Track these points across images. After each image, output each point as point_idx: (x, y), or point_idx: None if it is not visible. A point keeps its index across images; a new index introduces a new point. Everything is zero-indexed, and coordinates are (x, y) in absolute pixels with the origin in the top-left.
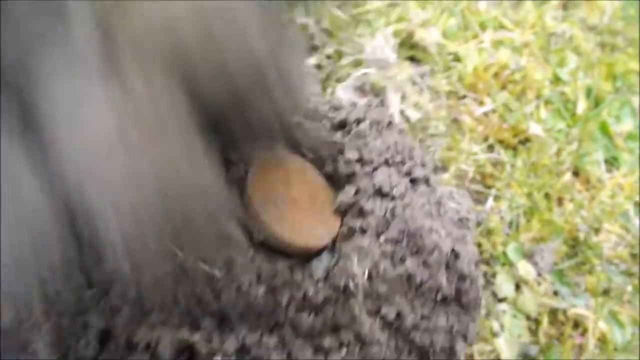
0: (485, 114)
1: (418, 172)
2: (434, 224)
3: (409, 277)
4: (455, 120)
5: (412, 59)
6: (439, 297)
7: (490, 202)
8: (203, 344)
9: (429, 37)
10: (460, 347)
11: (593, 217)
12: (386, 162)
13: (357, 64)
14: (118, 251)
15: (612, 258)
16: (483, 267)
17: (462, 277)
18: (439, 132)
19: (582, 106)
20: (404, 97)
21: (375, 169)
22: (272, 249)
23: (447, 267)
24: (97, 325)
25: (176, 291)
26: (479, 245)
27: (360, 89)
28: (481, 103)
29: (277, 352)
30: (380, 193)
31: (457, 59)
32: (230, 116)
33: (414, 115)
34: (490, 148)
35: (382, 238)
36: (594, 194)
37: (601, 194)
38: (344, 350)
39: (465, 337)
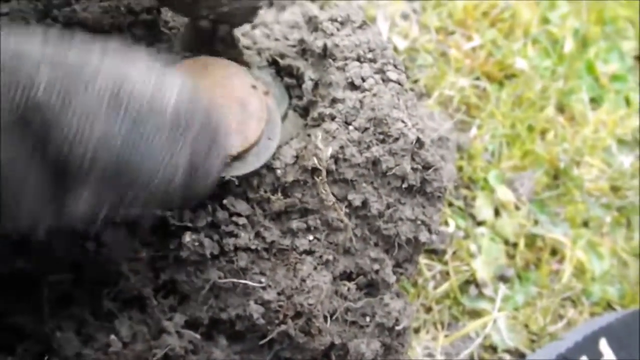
0: (473, 48)
1: (390, 72)
2: (400, 114)
3: (375, 163)
4: (443, 54)
5: None
6: (404, 185)
7: (473, 130)
8: (175, 219)
9: None
10: (424, 238)
11: (575, 150)
12: (358, 59)
13: None
14: None
15: (592, 190)
16: (463, 191)
17: (426, 166)
18: (427, 63)
19: (569, 46)
20: (393, 26)
21: (346, 63)
22: None
23: (413, 156)
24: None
25: None
26: (460, 168)
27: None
28: (469, 38)
29: (245, 231)
30: (352, 86)
31: None
32: None
33: (401, 43)
34: (476, 80)
35: (350, 127)
36: (577, 129)
37: (584, 129)
38: (311, 235)
39: (429, 228)
